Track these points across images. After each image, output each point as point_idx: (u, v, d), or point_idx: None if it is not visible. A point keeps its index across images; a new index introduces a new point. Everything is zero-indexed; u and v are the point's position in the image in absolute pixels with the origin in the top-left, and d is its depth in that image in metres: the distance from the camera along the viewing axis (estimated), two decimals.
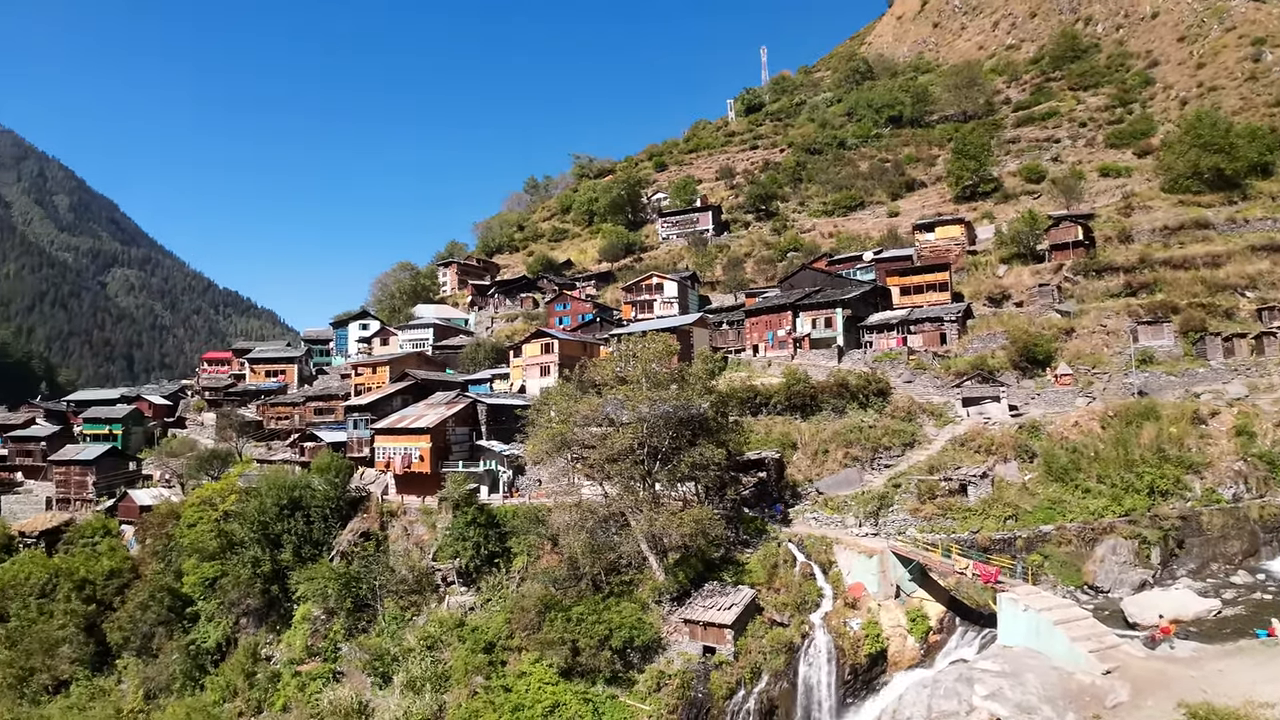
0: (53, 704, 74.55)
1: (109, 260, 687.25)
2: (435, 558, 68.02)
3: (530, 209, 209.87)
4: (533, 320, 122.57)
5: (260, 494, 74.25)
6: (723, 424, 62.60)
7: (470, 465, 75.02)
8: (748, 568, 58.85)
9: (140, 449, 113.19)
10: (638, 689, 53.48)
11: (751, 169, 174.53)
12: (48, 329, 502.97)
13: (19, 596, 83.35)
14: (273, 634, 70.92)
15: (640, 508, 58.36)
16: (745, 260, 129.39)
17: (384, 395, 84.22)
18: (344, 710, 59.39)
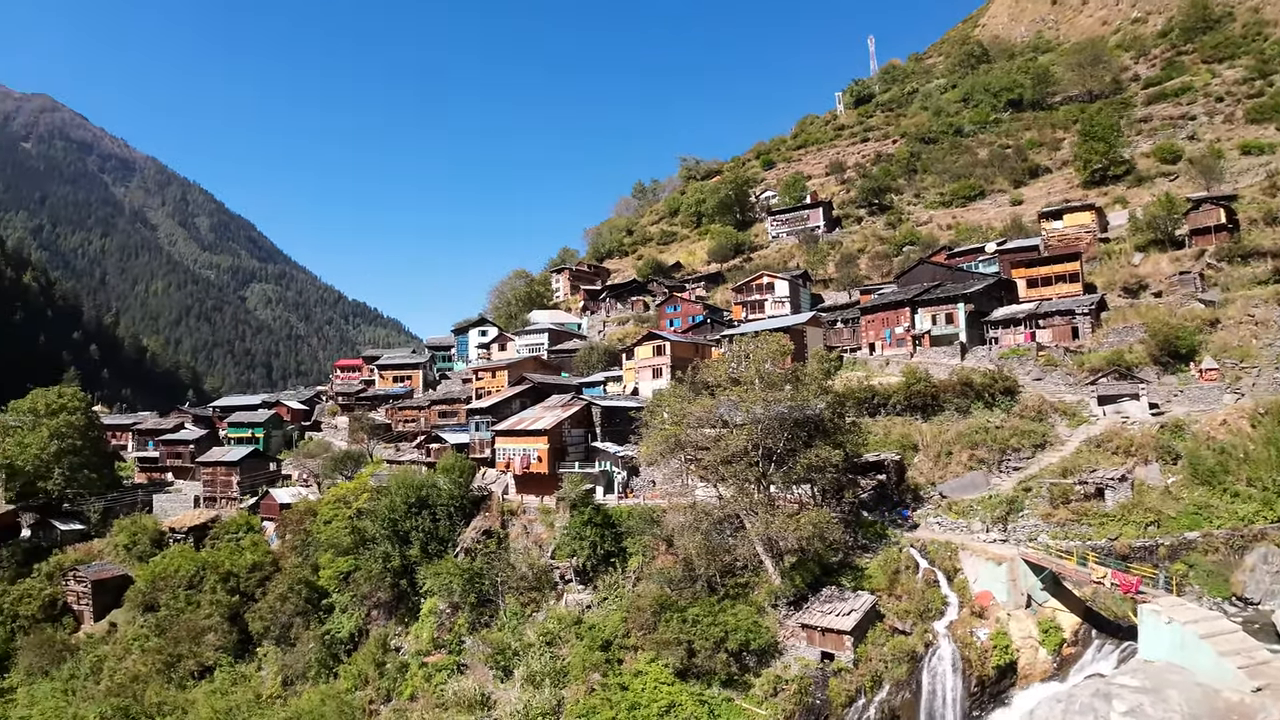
0: (198, 688, 78.62)
1: (248, 276, 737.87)
2: (553, 556, 69.45)
3: (639, 213, 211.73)
4: (643, 323, 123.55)
5: (390, 493, 77.40)
6: (839, 425, 61.22)
7: (586, 466, 76.22)
8: (867, 573, 57.36)
9: (280, 450, 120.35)
10: (754, 693, 52.99)
11: (863, 162, 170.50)
12: (194, 340, 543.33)
13: (169, 588, 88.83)
14: (401, 626, 73.71)
15: (755, 510, 57.71)
16: (859, 256, 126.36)
17: (503, 398, 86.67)
18: (468, 702, 61.11)
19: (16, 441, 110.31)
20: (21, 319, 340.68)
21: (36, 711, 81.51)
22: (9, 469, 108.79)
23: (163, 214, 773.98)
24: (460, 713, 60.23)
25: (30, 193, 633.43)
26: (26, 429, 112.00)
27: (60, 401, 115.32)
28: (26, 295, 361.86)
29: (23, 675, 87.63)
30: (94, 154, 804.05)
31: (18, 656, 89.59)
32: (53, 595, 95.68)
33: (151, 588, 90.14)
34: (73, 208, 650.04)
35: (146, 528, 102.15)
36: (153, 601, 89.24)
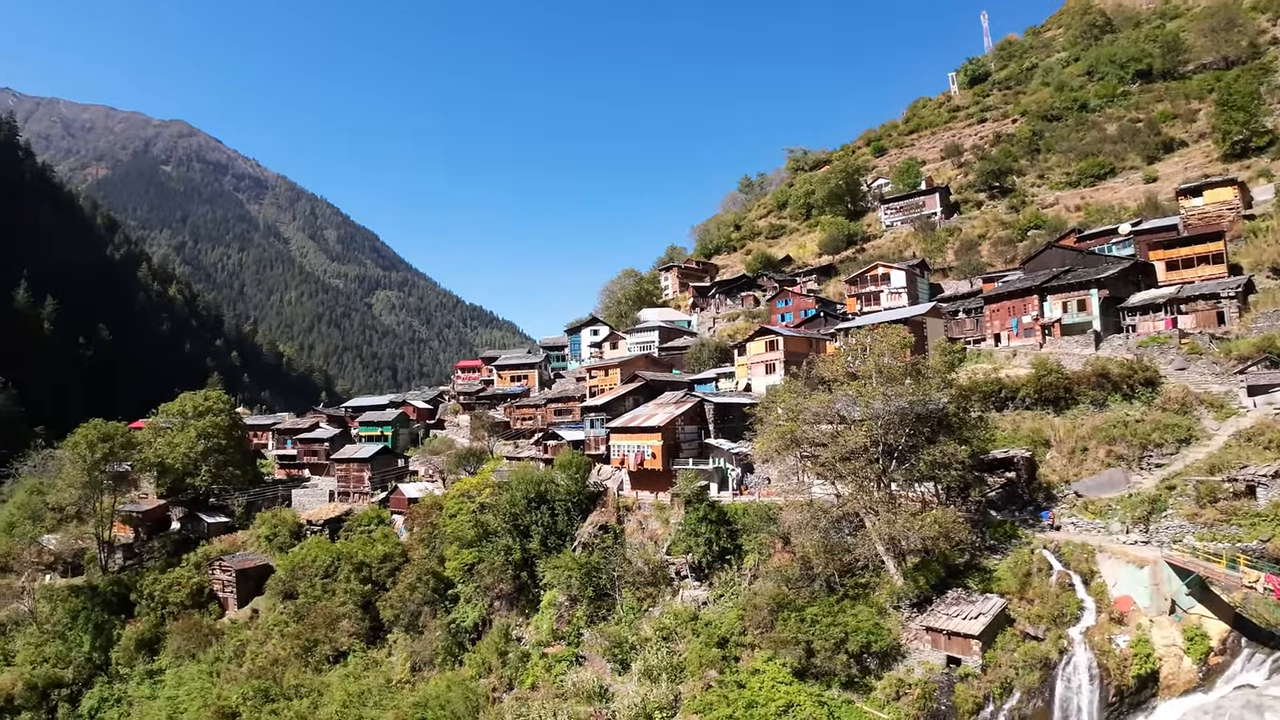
0: (332, 672, 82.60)
1: (373, 284, 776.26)
2: (669, 552, 69.74)
3: (746, 208, 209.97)
4: (754, 319, 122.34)
5: (511, 488, 79.52)
6: (965, 419, 58.83)
7: (700, 463, 76.11)
8: (996, 575, 54.95)
9: (406, 447, 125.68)
10: (875, 696, 51.74)
11: (981, 144, 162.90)
12: (325, 345, 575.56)
13: (307, 577, 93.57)
14: (522, 617, 75.64)
15: (876, 508, 56.24)
16: (980, 243, 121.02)
17: (617, 396, 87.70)
18: (587, 693, 62.17)
19: (167, 441, 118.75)
20: (169, 328, 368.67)
21: (184, 692, 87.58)
22: (160, 466, 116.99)
23: (294, 228, 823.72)
24: (580, 703, 61.34)
25: (173, 212, 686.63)
26: (176, 429, 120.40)
27: (206, 404, 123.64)
28: (173, 307, 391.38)
29: (172, 658, 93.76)
30: (229, 174, 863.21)
31: (167, 640, 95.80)
32: (200, 583, 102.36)
33: (291, 576, 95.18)
34: (212, 225, 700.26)
35: (286, 520, 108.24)
36: (292, 589, 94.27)
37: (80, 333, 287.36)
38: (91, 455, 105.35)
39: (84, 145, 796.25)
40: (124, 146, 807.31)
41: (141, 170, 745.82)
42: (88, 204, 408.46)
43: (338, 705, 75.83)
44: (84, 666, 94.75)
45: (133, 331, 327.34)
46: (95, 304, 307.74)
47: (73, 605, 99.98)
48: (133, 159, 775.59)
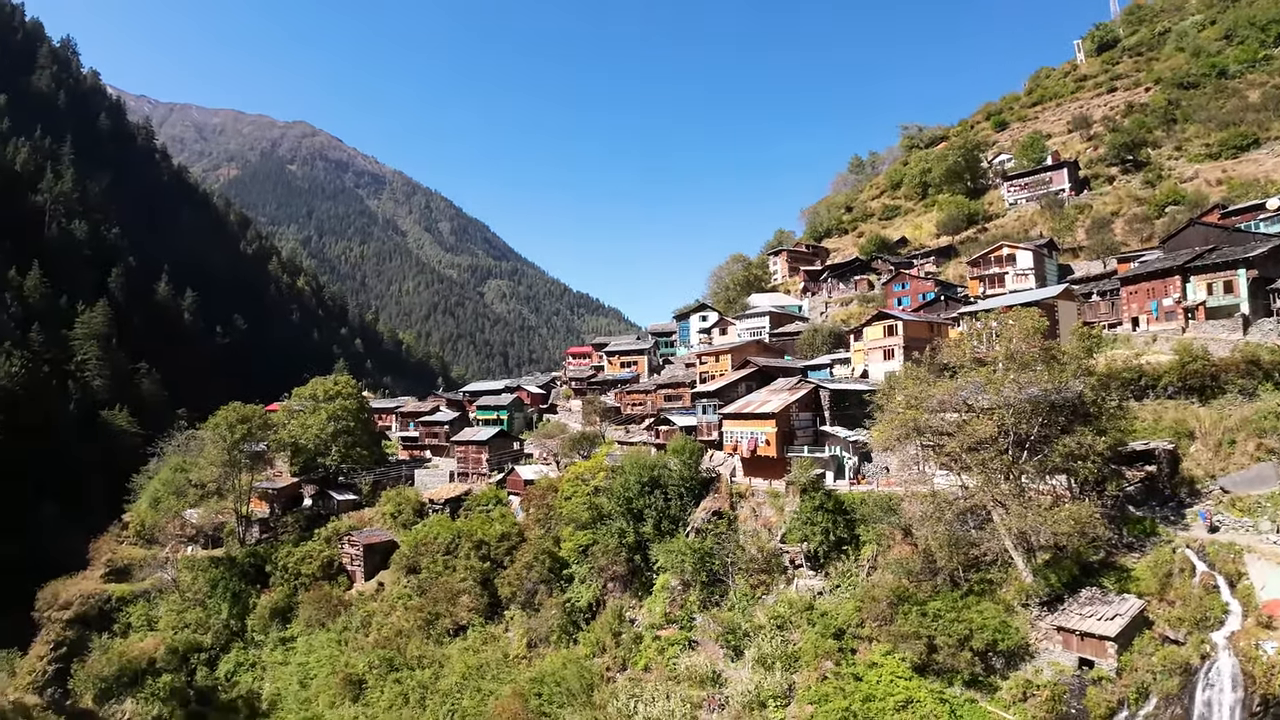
0: (452, 645, 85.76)
1: (485, 274, 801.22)
2: (783, 540, 69.20)
3: (857, 189, 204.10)
4: (868, 303, 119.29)
5: (625, 472, 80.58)
6: (1103, 409, 55.75)
7: (815, 450, 74.98)
8: (1134, 574, 51.98)
9: (521, 431, 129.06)
10: (1000, 696, 50.06)
11: (1111, 115, 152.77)
12: (441, 333, 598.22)
13: (429, 553, 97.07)
14: (635, 599, 76.68)
15: (1004, 501, 54.14)
16: (1112, 221, 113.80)
17: (729, 382, 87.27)
18: (699, 677, 62.63)
19: (300, 423, 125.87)
20: (298, 318, 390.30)
21: (313, 659, 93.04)
22: (294, 447, 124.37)
23: (410, 221, 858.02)
24: (692, 687, 61.93)
25: (299, 209, 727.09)
26: (308, 412, 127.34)
27: (336, 388, 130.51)
28: (301, 298, 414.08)
29: (303, 626, 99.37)
30: (349, 171, 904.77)
31: (299, 610, 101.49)
32: (330, 557, 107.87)
33: (414, 552, 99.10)
34: (334, 220, 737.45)
35: (409, 499, 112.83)
36: (415, 564, 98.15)
37: (217, 322, 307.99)
38: (231, 436, 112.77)
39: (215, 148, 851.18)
40: (252, 148, 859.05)
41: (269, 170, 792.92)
42: (221, 202, 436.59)
43: (458, 677, 79.17)
44: (222, 633, 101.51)
45: (265, 321, 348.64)
46: (230, 296, 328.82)
47: (212, 575, 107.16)
48: (260, 159, 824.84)
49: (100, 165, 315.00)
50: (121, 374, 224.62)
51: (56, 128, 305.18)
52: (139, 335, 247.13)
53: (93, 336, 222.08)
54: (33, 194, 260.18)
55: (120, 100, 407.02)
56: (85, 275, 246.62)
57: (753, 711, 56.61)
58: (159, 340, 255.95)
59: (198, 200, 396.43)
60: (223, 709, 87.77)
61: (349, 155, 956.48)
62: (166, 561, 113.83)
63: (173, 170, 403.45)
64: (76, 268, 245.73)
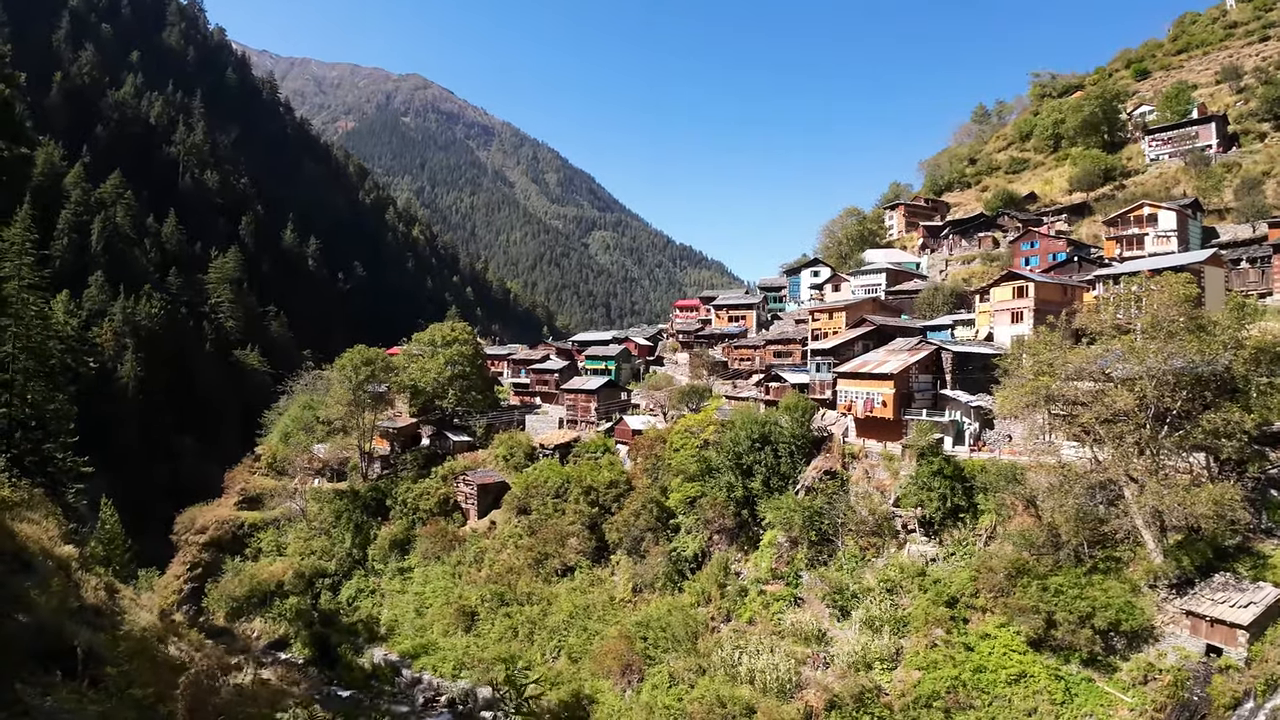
0: (560, 584, 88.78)
1: (589, 225, 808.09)
2: (897, 504, 68.04)
3: (981, 140, 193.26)
4: (992, 261, 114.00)
5: (735, 427, 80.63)
6: (1252, 384, 52.02)
7: (933, 414, 72.81)
8: (1271, 562, 49.08)
9: (628, 381, 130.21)
10: (1119, 677, 48.45)
11: (1265, 66, 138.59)
12: (546, 283, 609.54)
13: (539, 495, 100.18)
14: (741, 553, 77.22)
15: (1139, 478, 51.58)
16: (1264, 180, 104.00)
17: (844, 340, 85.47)
18: (805, 634, 62.87)
19: (419, 367, 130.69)
20: (413, 266, 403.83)
21: (429, 589, 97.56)
22: (413, 389, 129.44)
23: (518, 172, 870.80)
24: (797, 643, 62.26)
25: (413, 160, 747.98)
26: (427, 357, 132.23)
27: (453, 335, 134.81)
28: (416, 246, 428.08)
29: (419, 558, 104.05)
30: (460, 123, 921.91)
31: (416, 542, 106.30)
32: (446, 494, 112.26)
33: (525, 494, 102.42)
34: (446, 171, 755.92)
35: (521, 443, 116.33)
36: (525, 505, 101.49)
37: (338, 269, 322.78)
38: (356, 376, 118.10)
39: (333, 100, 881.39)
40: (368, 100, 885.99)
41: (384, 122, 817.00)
42: (340, 154, 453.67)
43: (565, 615, 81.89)
44: (344, 560, 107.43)
45: (382, 268, 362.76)
46: (350, 244, 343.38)
47: (337, 506, 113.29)
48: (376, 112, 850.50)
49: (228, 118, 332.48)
50: (252, 316, 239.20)
51: (187, 83, 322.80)
52: (267, 280, 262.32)
53: (225, 280, 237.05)
54: (167, 146, 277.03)
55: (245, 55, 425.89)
56: (217, 223, 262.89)
57: (858, 672, 56.44)
58: (285, 285, 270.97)
59: (318, 152, 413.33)
60: (344, 631, 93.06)
61: (460, 107, 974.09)
62: (295, 492, 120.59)
63: (295, 123, 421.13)
64: (209, 216, 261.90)
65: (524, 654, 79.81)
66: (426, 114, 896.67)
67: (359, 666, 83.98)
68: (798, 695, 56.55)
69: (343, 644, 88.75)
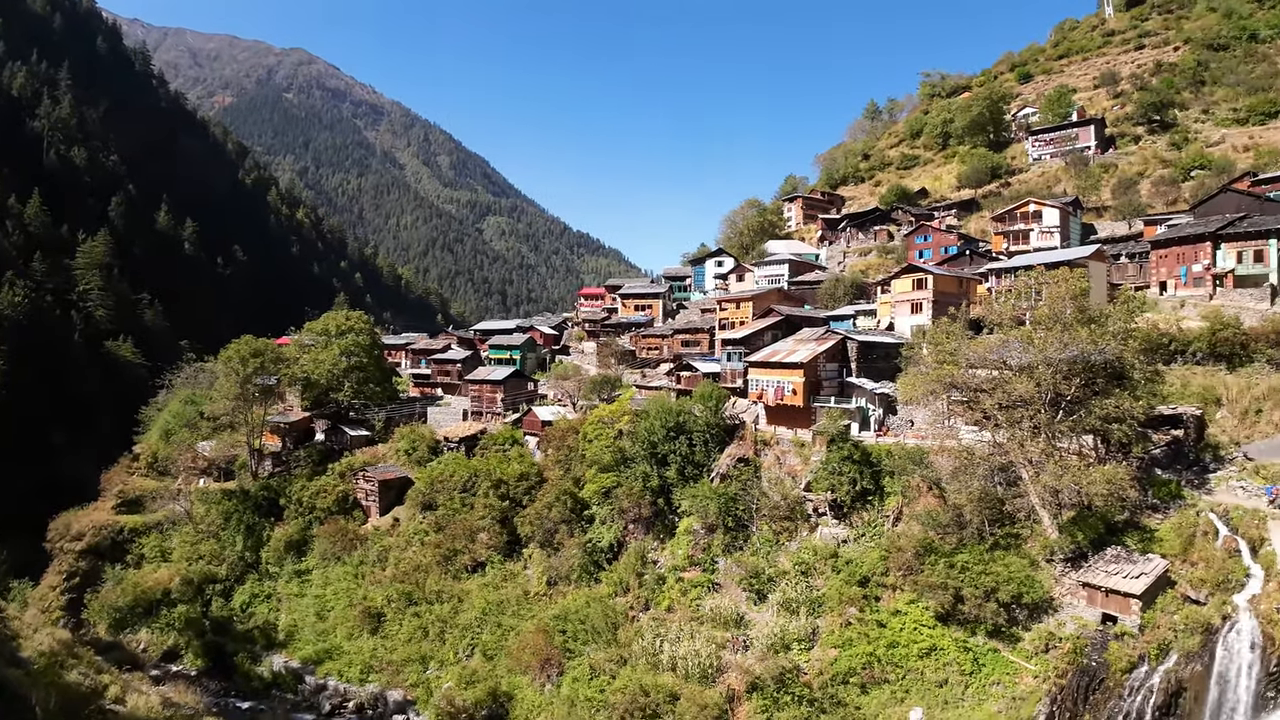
0: (471, 581, 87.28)
1: (484, 210, 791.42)
2: (809, 488, 70.21)
3: (875, 136, 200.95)
4: (888, 254, 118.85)
5: (649, 417, 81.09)
6: (1142, 372, 56.37)
7: (840, 401, 75.65)
8: (1157, 535, 53.35)
9: (533, 371, 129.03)
10: (1022, 646, 51.87)
11: (1139, 73, 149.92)
12: (439, 269, 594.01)
13: (445, 490, 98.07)
14: (657, 541, 78.02)
15: (1036, 460, 55.16)
16: (1138, 181, 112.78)
17: (755, 330, 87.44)
18: (723, 618, 64.37)
19: (312, 358, 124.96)
20: (298, 251, 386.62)
21: (330, 591, 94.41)
22: (306, 381, 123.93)
23: (408, 154, 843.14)
24: (716, 628, 63.60)
25: (296, 138, 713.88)
26: (320, 347, 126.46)
27: (348, 324, 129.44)
28: (300, 230, 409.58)
29: (318, 559, 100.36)
30: (347, 101, 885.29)
31: (314, 543, 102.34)
32: (345, 491, 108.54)
33: (430, 489, 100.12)
34: (332, 151, 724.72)
35: (424, 436, 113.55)
36: (430, 501, 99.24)
37: (217, 254, 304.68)
38: (244, 369, 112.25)
39: (210, 74, 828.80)
40: (248, 75, 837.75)
41: (265, 98, 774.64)
42: (218, 130, 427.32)
43: (477, 612, 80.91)
44: (236, 564, 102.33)
45: (265, 253, 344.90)
46: (230, 227, 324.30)
47: (226, 507, 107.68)
48: (256, 87, 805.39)
49: (98, 91, 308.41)
50: (124, 304, 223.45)
51: (54, 52, 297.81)
52: (140, 265, 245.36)
53: (94, 266, 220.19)
54: (31, 120, 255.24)
55: (116, 24, 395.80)
56: (85, 204, 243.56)
57: (777, 653, 58.29)
58: (160, 271, 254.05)
59: (195, 128, 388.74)
60: (239, 639, 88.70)
61: (347, 84, 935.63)
62: (179, 493, 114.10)
63: (170, 97, 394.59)
64: (77, 196, 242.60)
65: (435, 653, 78.57)
66: (311, 90, 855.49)
67: (258, 675, 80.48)
68: (720, 679, 57.94)
69: (239, 652, 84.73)
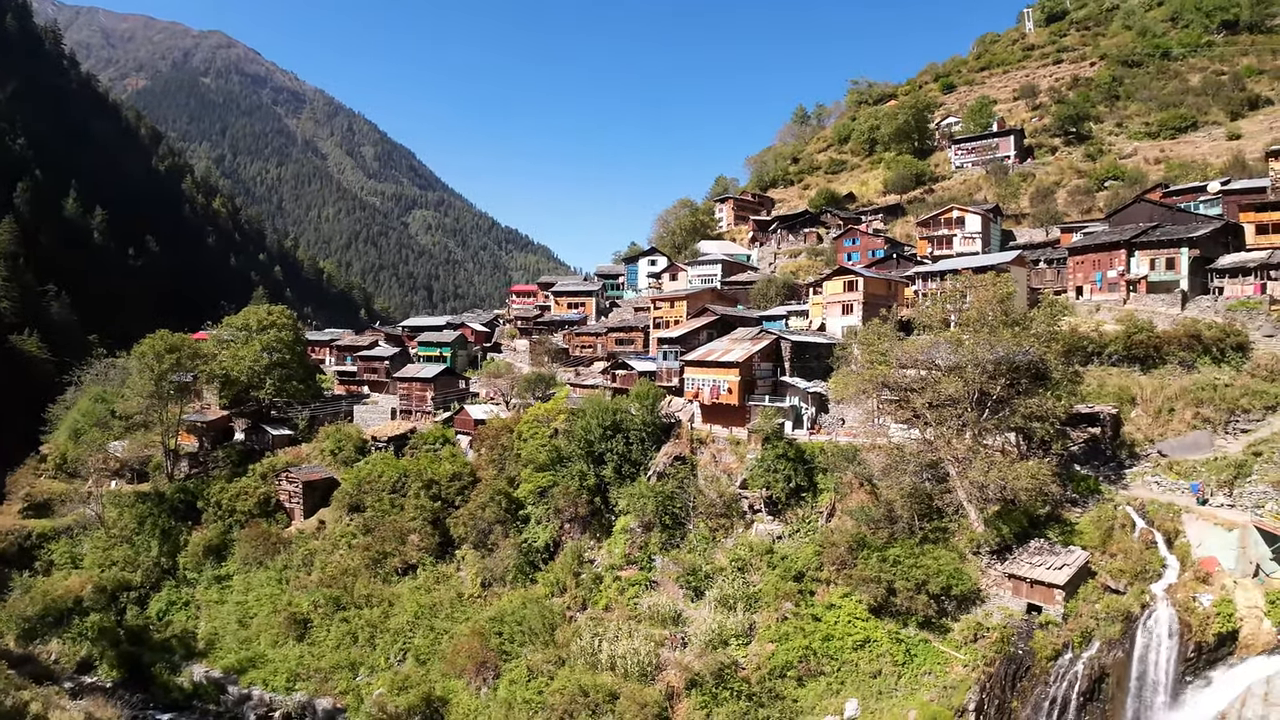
0: (401, 584, 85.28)
1: (410, 203, 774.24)
2: (744, 486, 70.89)
3: (803, 141, 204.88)
4: (817, 256, 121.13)
5: (585, 415, 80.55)
6: (1063, 373, 58.71)
7: (775, 400, 76.68)
8: (1078, 528, 56.05)
9: (464, 369, 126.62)
10: (952, 636, 53.50)
11: (1057, 86, 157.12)
12: (362, 263, 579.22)
13: (374, 491, 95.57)
14: (594, 541, 77.56)
15: (963, 456, 56.90)
16: (1055, 190, 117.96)
17: (692, 329, 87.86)
18: (661, 616, 64.40)
19: (232, 354, 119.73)
20: (214, 241, 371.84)
21: (252, 597, 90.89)
22: (225, 378, 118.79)
23: (331, 144, 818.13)
24: (654, 626, 63.61)
25: (212, 125, 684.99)
26: (240, 343, 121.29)
27: (270, 318, 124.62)
28: (217, 220, 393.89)
29: (239, 564, 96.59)
30: (267, 87, 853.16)
31: (235, 547, 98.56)
32: (267, 493, 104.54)
33: (357, 490, 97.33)
34: (250, 138, 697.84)
35: (350, 436, 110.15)
36: (358, 503, 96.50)
37: (129, 244, 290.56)
38: (159, 365, 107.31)
39: (124, 55, 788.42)
40: (163, 57, 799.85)
41: (181, 82, 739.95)
42: (131, 114, 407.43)
43: (409, 615, 79.06)
44: (152, 570, 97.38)
45: (179, 244, 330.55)
46: (143, 216, 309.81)
47: (140, 511, 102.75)
48: (172, 70, 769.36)
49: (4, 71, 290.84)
50: (30, 296, 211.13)
51: None
52: (47, 255, 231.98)
53: None
54: None
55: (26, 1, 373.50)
56: None
57: (715, 649, 58.70)
58: (68, 261, 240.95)
59: (107, 112, 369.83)
60: (157, 649, 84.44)
61: (267, 70, 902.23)
62: (90, 496, 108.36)
63: (81, 79, 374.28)
64: None
65: (366, 659, 76.47)
66: (229, 75, 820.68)
67: (178, 686, 77.02)
68: (659, 677, 57.97)
69: (157, 663, 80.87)
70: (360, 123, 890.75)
